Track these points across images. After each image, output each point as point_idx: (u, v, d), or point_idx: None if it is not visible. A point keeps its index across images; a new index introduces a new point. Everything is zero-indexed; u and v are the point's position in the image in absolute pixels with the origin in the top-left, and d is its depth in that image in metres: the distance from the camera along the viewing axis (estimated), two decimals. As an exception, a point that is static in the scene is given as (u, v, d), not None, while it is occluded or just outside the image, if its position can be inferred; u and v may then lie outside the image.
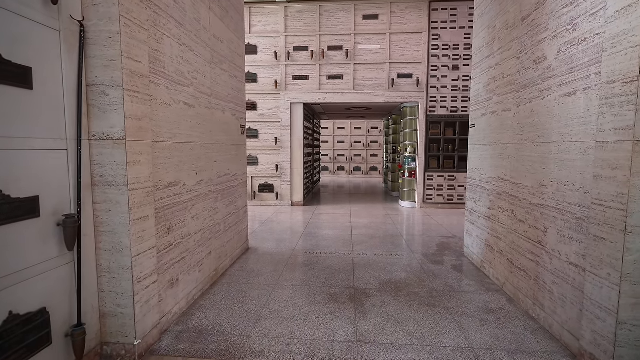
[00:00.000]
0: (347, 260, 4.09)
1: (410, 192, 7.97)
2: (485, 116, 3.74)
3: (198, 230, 3.03)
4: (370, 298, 3.06)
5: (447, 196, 7.68)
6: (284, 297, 3.08)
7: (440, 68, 7.47)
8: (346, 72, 7.64)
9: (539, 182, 2.66)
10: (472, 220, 4.06)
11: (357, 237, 5.16)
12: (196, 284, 3.00)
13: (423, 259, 4.16)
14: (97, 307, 2.08)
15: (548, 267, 2.53)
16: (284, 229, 5.67)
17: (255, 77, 7.77)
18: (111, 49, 1.95)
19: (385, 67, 7.55)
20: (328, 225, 5.99)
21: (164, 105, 2.46)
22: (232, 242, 3.94)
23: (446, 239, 5.07)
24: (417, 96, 7.52)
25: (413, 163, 7.85)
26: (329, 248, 4.57)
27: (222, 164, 3.61)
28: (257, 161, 7.92)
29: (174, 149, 2.59)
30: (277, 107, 7.79)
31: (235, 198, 4.04)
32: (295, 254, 4.31)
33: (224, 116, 3.66)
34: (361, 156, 15.79)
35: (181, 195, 2.71)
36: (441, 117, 7.55)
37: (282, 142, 7.81)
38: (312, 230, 5.56)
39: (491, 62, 3.60)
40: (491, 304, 2.96)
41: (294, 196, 7.95)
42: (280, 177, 7.89)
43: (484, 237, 3.70)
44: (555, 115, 2.48)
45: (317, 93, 7.67)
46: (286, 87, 7.74)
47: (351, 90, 7.63)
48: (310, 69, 7.68)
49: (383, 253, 4.36)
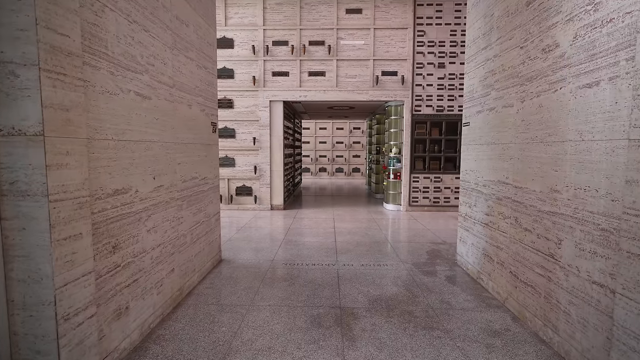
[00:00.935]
0: (332, 272, 3.69)
1: (396, 194, 7.66)
2: (482, 113, 3.43)
3: (156, 245, 2.55)
4: (359, 320, 2.67)
5: (433, 198, 7.41)
6: (259, 321, 2.64)
7: (425, 66, 7.20)
8: (328, 69, 7.26)
9: (550, 186, 2.34)
10: (467, 227, 3.74)
11: (342, 244, 4.77)
12: (153, 310, 2.52)
13: (414, 269, 3.81)
14: (8, 356, 1.59)
15: (563, 285, 2.21)
16: (262, 236, 5.21)
17: (232, 72, 7.27)
18: (22, 14, 1.47)
19: (369, 64, 7.22)
20: (310, 231, 5.58)
21: (107, 94, 1.98)
22: (202, 254, 3.47)
23: (436, 246, 4.75)
24: (402, 94, 7.22)
25: (398, 164, 7.55)
26: (312, 258, 4.15)
27: (188, 166, 3.14)
28: (233, 162, 7.42)
29: (121, 148, 2.12)
30: (256, 104, 7.32)
31: (205, 204, 3.56)
32: (274, 266, 3.87)
33: (191, 111, 3.18)
34: (343, 157, 15.47)
35: (132, 205, 2.23)
36: (427, 117, 7.28)
37: (261, 142, 7.34)
38: (293, 238, 5.13)
39: (488, 54, 3.29)
40: (495, 324, 2.62)
41: (273, 199, 7.49)
42: (259, 179, 7.42)
43: (481, 245, 3.38)
44: (570, 110, 2.16)
45: (298, 90, 7.25)
46: (265, 84, 7.28)
47: (334, 87, 7.25)
48: (291, 64, 7.25)
49: (370, 263, 3.99)
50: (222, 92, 7.28)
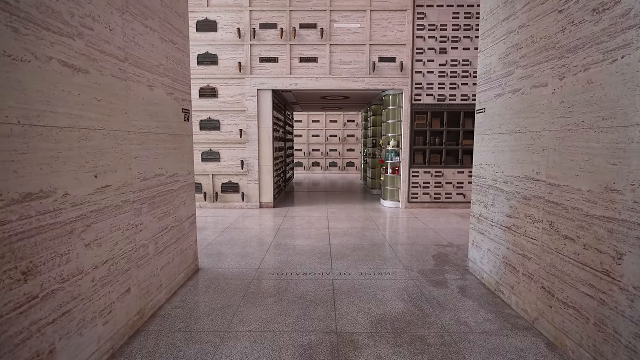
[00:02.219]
0: (326, 284, 3.16)
1: (394, 190, 7.16)
2: (502, 97, 2.91)
3: (101, 262, 1.99)
4: (360, 351, 2.15)
5: (433, 194, 6.92)
6: (235, 355, 2.10)
7: (426, 51, 6.65)
8: (321, 54, 6.67)
9: (605, 184, 1.82)
10: (481, 230, 3.23)
11: (337, 248, 4.24)
12: (97, 345, 1.96)
13: (420, 278, 3.30)
14: None
15: (625, 312, 1.71)
16: (248, 239, 4.66)
17: (215, 58, 6.65)
18: None
19: (365, 49, 6.65)
20: (302, 232, 5.04)
21: (6, 58, 1.40)
22: (171, 266, 2.92)
23: (442, 248, 4.26)
24: (401, 82, 6.67)
25: (396, 158, 7.03)
26: (303, 266, 3.63)
27: (150, 161, 2.57)
28: (218, 157, 6.82)
29: (37, 136, 1.54)
30: (242, 93, 6.71)
31: (175, 206, 3.00)
32: (259, 276, 3.34)
33: (152, 94, 2.60)
34: (337, 151, 14.92)
35: (58, 213, 1.67)
36: (427, 107, 6.75)
37: (248, 134, 6.75)
38: (283, 240, 4.59)
39: (512, 25, 2.76)
40: (528, 355, 2.12)
41: (262, 197, 6.93)
42: (247, 174, 6.85)
43: (501, 252, 2.88)
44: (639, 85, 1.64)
45: (288, 78, 6.66)
46: (252, 71, 6.67)
47: (327, 75, 6.67)
48: (280, 49, 6.65)
49: (370, 271, 3.47)
50: (204, 80, 6.66)
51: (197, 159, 6.80)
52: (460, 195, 6.91)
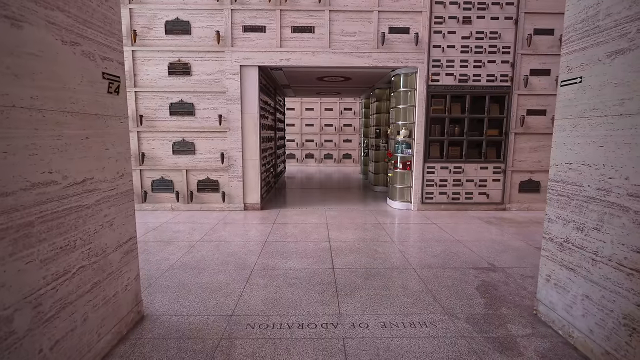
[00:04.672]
0: (334, 347, 2.04)
1: (404, 188, 6.04)
2: (622, 56, 1.77)
3: None
4: None
5: (452, 194, 5.83)
6: None
7: (446, 21, 5.48)
8: (318, 23, 5.45)
9: None
10: (570, 264, 2.13)
11: (344, 274, 3.12)
12: None
13: (474, 333, 2.21)
14: None
15: None
16: (224, 259, 3.51)
17: (188, 26, 5.38)
18: None
19: (373, 17, 5.44)
20: (296, 246, 3.90)
21: None
22: (86, 327, 1.76)
23: (485, 274, 3.17)
24: (416, 59, 5.50)
25: (408, 151, 5.90)
26: (298, 308, 2.50)
27: (17, 159, 1.39)
28: (193, 148, 5.61)
29: None
30: (221, 71, 5.47)
31: (89, 232, 1.83)
32: (230, 332, 2.20)
33: (21, 35, 1.41)
34: (333, 142, 13.74)
35: None
36: (446, 89, 5.61)
37: (230, 121, 5.54)
38: (271, 261, 3.45)
39: None
40: None
41: (247, 196, 5.76)
42: (228, 170, 5.66)
43: (619, 308, 1.78)
44: None
45: (278, 52, 5.44)
46: (233, 43, 5.43)
47: (326, 48, 5.46)
48: (268, 16, 5.41)
49: (397, 320, 2.36)
50: (174, 54, 5.40)
51: (168, 151, 5.58)
52: (483, 195, 5.83)
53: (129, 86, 5.41)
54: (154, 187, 5.66)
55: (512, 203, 5.88)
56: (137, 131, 5.51)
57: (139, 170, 5.59)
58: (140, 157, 5.54)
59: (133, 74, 5.41)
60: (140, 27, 5.36)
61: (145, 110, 5.51)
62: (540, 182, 5.86)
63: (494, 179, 5.81)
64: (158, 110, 5.51)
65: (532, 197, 5.89)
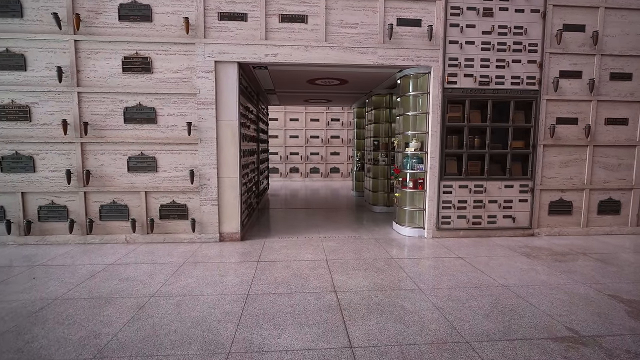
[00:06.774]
0: None
1: (415, 211, 5.05)
2: None
3: None
4: None
5: (472, 218, 4.87)
6: None
7: (465, 12, 4.61)
8: (313, 11, 4.46)
9: None
10: None
11: (369, 357, 2.04)
12: None
13: None
14: None
15: None
16: (183, 336, 2.35)
17: (148, 11, 4.27)
18: None
19: (378, 6, 4.51)
20: (290, 303, 2.78)
21: None
22: None
23: (573, 349, 2.15)
24: (429, 57, 4.59)
25: (420, 166, 4.93)
26: None
27: None
28: (155, 165, 4.43)
29: None
30: (191, 67, 4.37)
31: None
32: None
33: None
34: (320, 155, 12.73)
35: None
36: (465, 93, 4.71)
37: (202, 130, 4.41)
38: (255, 335, 2.32)
39: None
40: None
41: (224, 224, 4.60)
42: (200, 192, 4.50)
43: None
44: None
45: (263, 45, 4.40)
46: (207, 33, 4.35)
47: (321, 42, 4.47)
48: (251, 1, 4.38)
49: None
50: (131, 45, 4.26)
51: (122, 168, 4.38)
52: (508, 218, 4.91)
53: (70, 85, 4.21)
54: (103, 214, 4.42)
55: (540, 227, 4.98)
56: (80, 143, 4.29)
57: (82, 193, 4.34)
58: (85, 176, 4.31)
59: (76, 70, 4.22)
60: (86, 11, 4.20)
61: (92, 116, 4.30)
62: (573, 202, 5.00)
63: (521, 199, 4.91)
64: (109, 117, 4.32)
65: (564, 219, 5.02)
